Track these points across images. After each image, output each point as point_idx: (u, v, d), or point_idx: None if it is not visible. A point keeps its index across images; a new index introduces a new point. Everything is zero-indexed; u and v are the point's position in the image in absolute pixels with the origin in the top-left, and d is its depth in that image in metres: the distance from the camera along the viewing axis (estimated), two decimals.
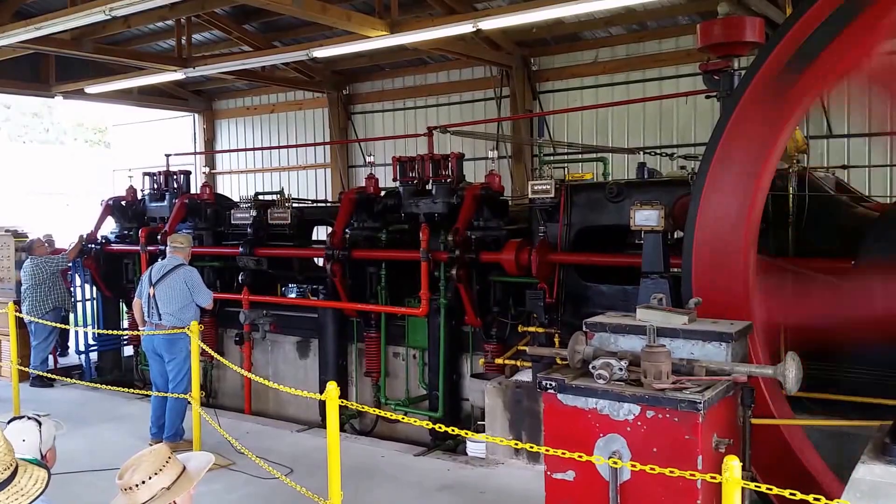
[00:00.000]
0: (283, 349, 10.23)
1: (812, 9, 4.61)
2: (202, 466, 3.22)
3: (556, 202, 7.44)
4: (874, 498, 3.21)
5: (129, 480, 2.98)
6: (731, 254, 4.83)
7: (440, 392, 8.39)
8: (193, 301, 7.72)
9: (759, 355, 4.65)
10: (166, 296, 7.63)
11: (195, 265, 8.20)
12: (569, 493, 3.83)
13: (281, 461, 6.95)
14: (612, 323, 4.19)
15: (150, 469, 3.00)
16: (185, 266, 7.80)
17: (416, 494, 6.50)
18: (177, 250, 7.90)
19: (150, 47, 15.50)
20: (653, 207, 6.05)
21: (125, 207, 11.58)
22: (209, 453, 3.44)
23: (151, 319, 7.71)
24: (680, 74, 12.50)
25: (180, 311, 7.62)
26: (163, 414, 7.76)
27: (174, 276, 7.68)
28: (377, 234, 9.02)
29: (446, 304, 8.21)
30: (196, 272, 7.89)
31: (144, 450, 3.14)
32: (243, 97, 18.94)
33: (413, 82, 16.14)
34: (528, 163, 13.87)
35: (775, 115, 4.72)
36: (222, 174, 19.53)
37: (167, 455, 3.10)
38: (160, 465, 3.03)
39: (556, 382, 3.84)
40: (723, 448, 3.60)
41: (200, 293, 7.76)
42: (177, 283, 7.66)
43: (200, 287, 7.79)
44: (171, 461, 3.09)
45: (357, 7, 12.10)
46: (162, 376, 7.80)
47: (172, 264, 7.77)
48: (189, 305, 7.69)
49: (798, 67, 4.64)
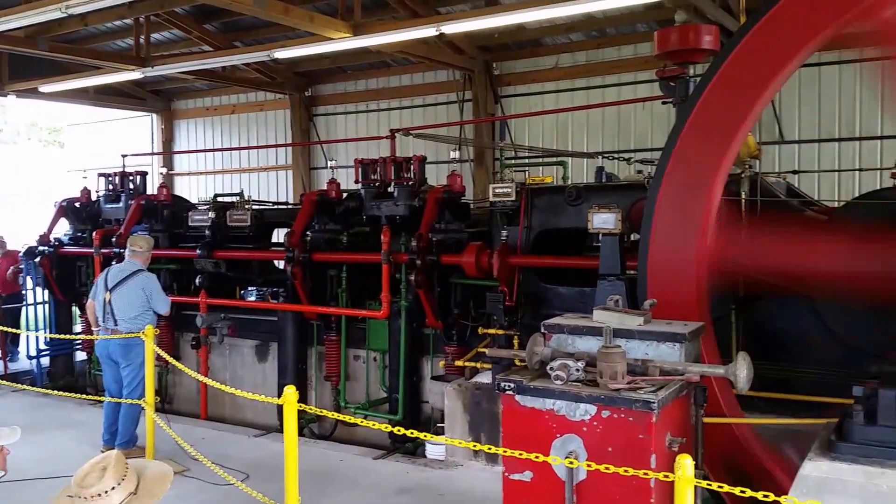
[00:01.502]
0: (241, 353, 10.11)
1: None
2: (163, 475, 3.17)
3: (517, 205, 7.50)
4: (820, 493, 3.27)
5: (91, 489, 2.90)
6: (685, 256, 4.92)
7: (400, 395, 8.37)
8: (151, 308, 7.57)
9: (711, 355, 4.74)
10: (123, 302, 7.43)
11: (151, 268, 8.04)
12: (526, 493, 3.83)
13: (238, 467, 6.85)
14: (569, 324, 4.21)
15: (114, 478, 2.94)
16: (143, 272, 7.61)
17: (374, 498, 6.48)
18: (136, 254, 7.69)
19: (108, 46, 15.24)
20: (610, 211, 6.14)
21: (79, 209, 11.36)
22: (163, 463, 3.38)
23: (107, 325, 7.50)
24: (638, 81, 12.70)
25: (137, 317, 7.43)
26: (115, 420, 7.56)
27: (132, 282, 7.48)
28: (338, 237, 8.98)
29: (407, 306, 8.21)
30: (154, 278, 7.70)
31: (98, 457, 3.06)
32: (203, 97, 18.72)
33: (376, 85, 16.14)
34: (490, 166, 13.95)
35: (729, 122, 4.82)
36: (181, 175, 19.27)
37: (125, 462, 3.05)
38: (123, 474, 2.98)
39: (515, 384, 3.85)
40: (676, 447, 3.64)
41: (159, 300, 7.58)
42: (134, 289, 7.46)
43: (159, 294, 7.61)
44: (129, 469, 3.04)
45: (320, 8, 12.06)
46: (115, 382, 7.61)
47: (130, 269, 7.57)
48: (146, 312, 7.51)
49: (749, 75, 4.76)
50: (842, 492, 3.27)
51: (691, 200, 4.90)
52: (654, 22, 12.14)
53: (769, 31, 4.72)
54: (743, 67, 4.79)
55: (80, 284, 11.31)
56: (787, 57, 4.70)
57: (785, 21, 4.67)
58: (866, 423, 3.44)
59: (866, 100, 11.30)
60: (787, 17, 4.67)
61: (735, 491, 3.28)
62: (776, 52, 4.71)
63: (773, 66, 4.73)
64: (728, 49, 4.90)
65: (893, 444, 3.36)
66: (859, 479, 3.29)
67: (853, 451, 3.40)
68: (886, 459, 3.33)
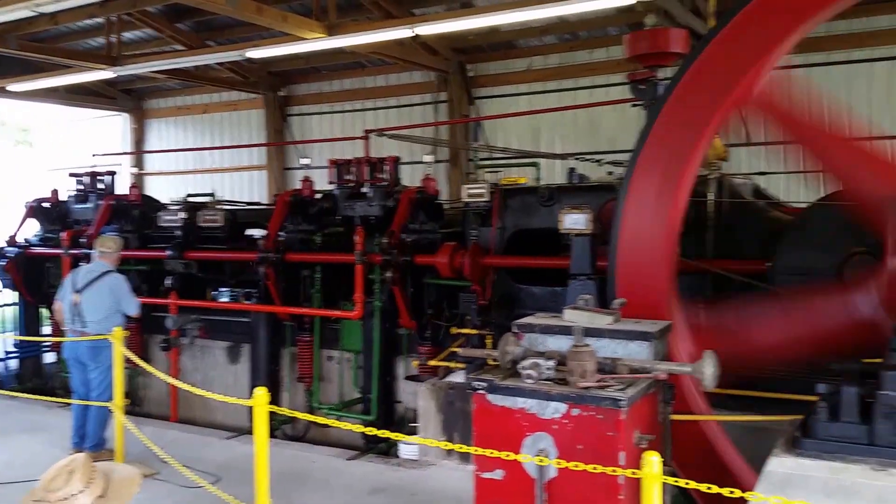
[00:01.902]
0: (212, 355, 10.03)
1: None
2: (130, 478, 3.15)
3: (490, 206, 7.54)
4: (785, 489, 3.29)
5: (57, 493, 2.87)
6: (653, 256, 4.97)
7: (374, 395, 8.37)
8: (120, 310, 7.47)
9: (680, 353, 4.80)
10: (92, 303, 7.31)
11: (121, 269, 7.94)
12: (498, 492, 3.84)
13: (209, 469, 6.81)
14: (541, 324, 4.24)
15: (81, 481, 2.91)
16: (112, 273, 7.50)
17: (347, 498, 6.47)
18: (104, 255, 7.58)
19: (79, 45, 15.08)
20: (581, 211, 6.19)
21: (48, 209, 11.21)
22: (131, 466, 3.35)
23: (74, 326, 7.38)
24: (610, 83, 12.81)
25: (106, 319, 7.31)
26: (85, 423, 7.46)
27: (101, 283, 7.37)
28: (312, 237, 8.96)
29: (381, 306, 8.22)
30: (124, 279, 7.58)
31: (65, 460, 3.02)
32: (175, 97, 18.57)
33: (351, 85, 16.13)
34: (464, 167, 14.00)
35: (696, 124, 4.88)
36: (152, 175, 19.09)
37: (93, 466, 3.02)
38: (90, 477, 2.95)
39: (486, 383, 3.86)
40: (644, 444, 3.66)
41: (128, 302, 7.47)
42: (103, 291, 7.35)
43: (128, 295, 7.50)
44: (96, 473, 3.01)
45: (294, 9, 12.03)
46: (84, 385, 7.49)
47: (99, 270, 7.46)
48: (115, 314, 7.40)
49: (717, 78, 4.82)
50: (806, 487, 3.30)
51: (659, 202, 4.95)
52: (626, 25, 12.28)
53: (737, 35, 4.77)
54: (711, 70, 4.83)
55: (48, 286, 11.12)
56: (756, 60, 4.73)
57: (754, 24, 4.72)
58: (830, 419, 3.48)
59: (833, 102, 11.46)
60: (755, 20, 4.72)
61: (702, 488, 3.31)
62: (745, 55, 4.75)
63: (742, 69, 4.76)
64: (696, 52, 4.94)
65: (856, 440, 3.40)
66: (823, 474, 3.33)
67: (817, 447, 3.44)
68: (849, 455, 3.38)
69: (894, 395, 3.38)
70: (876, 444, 3.37)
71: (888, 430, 3.37)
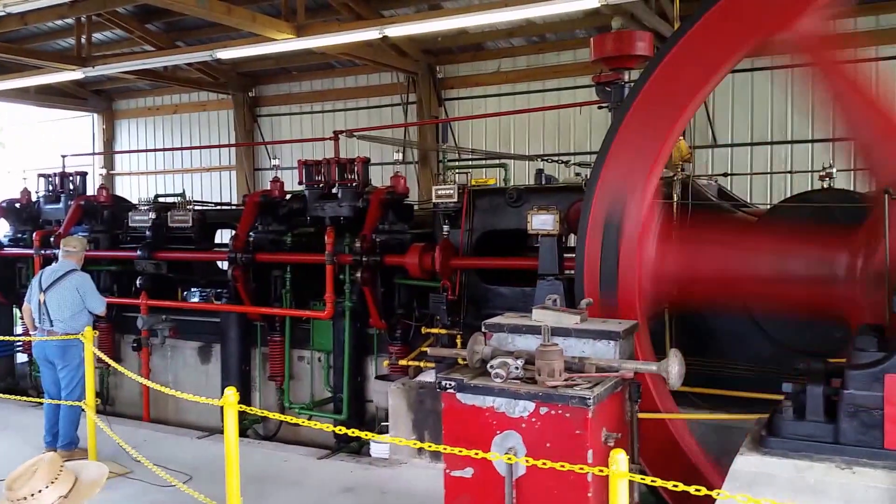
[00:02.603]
0: (183, 355, 10.00)
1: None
2: (98, 476, 3.12)
3: (459, 207, 7.61)
4: (751, 487, 3.35)
5: (20, 491, 2.84)
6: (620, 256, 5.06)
7: (345, 394, 8.40)
8: (86, 308, 7.50)
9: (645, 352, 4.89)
10: (57, 302, 7.37)
11: (91, 269, 7.93)
12: (467, 489, 3.89)
13: (181, 468, 6.80)
14: (509, 324, 4.29)
15: (44, 479, 2.88)
16: (76, 272, 7.56)
17: (318, 497, 6.51)
18: (69, 255, 7.63)
19: (49, 45, 14.93)
20: (549, 212, 6.28)
21: (19, 210, 11.11)
22: (102, 463, 3.33)
23: (43, 326, 7.43)
24: (577, 86, 12.96)
25: (72, 318, 7.38)
26: (57, 422, 7.50)
27: (65, 282, 7.42)
28: (282, 238, 8.96)
29: (351, 306, 8.25)
30: (88, 278, 7.63)
31: (33, 459, 3.00)
32: (145, 97, 18.41)
33: (320, 86, 16.11)
34: (434, 168, 14.06)
35: (661, 126, 4.97)
36: (122, 175, 18.92)
37: (60, 464, 2.99)
38: (54, 475, 2.92)
39: (455, 382, 3.90)
40: (612, 442, 3.71)
41: (93, 300, 7.52)
42: (68, 289, 7.40)
43: (93, 293, 7.55)
44: (63, 470, 2.98)
45: (263, 10, 12.00)
46: (55, 384, 7.53)
47: (64, 269, 7.52)
48: (81, 312, 7.46)
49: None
50: (772, 485, 3.35)
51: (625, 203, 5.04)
52: (593, 28, 12.41)
53: (701, 37, 4.83)
54: (675, 73, 4.90)
55: (20, 286, 10.99)
56: (719, 62, 4.83)
57: (717, 27, 4.78)
58: (795, 418, 3.55)
59: (797, 104, 11.72)
60: (718, 23, 4.78)
61: (668, 485, 3.35)
62: (708, 57, 4.83)
63: (705, 72, 4.85)
64: (661, 55, 5.02)
65: (821, 439, 3.48)
66: (789, 473, 3.40)
67: (783, 445, 3.52)
68: (814, 453, 3.45)
69: (859, 394, 3.44)
70: (841, 443, 3.44)
71: (853, 429, 3.43)
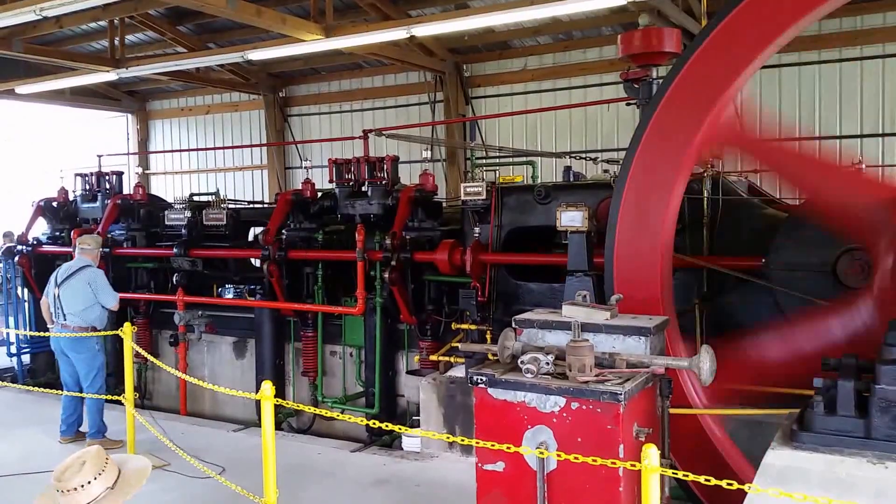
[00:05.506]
0: (219, 350, 10.20)
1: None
2: (143, 468, 3.21)
3: (488, 204, 7.67)
4: (782, 482, 3.35)
5: (70, 482, 2.93)
6: (650, 252, 5.09)
7: (376, 389, 8.52)
8: (98, 302, 7.75)
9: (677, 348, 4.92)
10: (70, 296, 7.69)
11: (129, 266, 8.14)
12: (499, 483, 3.93)
13: (217, 461, 6.96)
14: (539, 319, 4.30)
15: (92, 470, 2.98)
16: (90, 267, 7.85)
17: (351, 490, 6.61)
18: (85, 252, 7.96)
19: (83, 48, 15.21)
20: (577, 209, 6.30)
21: (56, 209, 11.36)
22: (143, 457, 3.42)
23: (58, 320, 7.76)
24: (604, 83, 12.96)
25: (84, 311, 7.69)
26: (73, 413, 7.88)
27: (79, 276, 7.73)
28: (314, 235, 9.09)
29: (382, 302, 8.35)
30: (101, 273, 7.93)
31: (78, 452, 3.10)
32: (178, 98, 18.69)
33: (349, 86, 16.24)
34: (462, 165, 14.12)
35: (691, 123, 4.98)
36: (157, 175, 19.23)
37: (105, 456, 3.08)
38: (101, 467, 3.01)
39: (487, 377, 3.94)
40: (643, 437, 3.74)
41: (105, 294, 7.79)
42: (81, 283, 7.71)
43: (105, 288, 7.82)
44: (109, 462, 3.08)
45: (292, 11, 12.14)
46: (71, 376, 7.87)
47: (78, 265, 7.84)
48: (93, 306, 7.74)
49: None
50: (803, 480, 3.35)
51: (655, 199, 5.06)
52: (619, 25, 12.39)
53: (730, 34, 4.82)
54: (704, 69, 4.89)
55: None
56: (748, 58, 4.81)
57: (745, 24, 4.77)
58: (826, 413, 3.54)
59: (825, 100, 11.64)
60: (747, 19, 4.77)
61: (700, 479, 3.37)
62: (737, 53, 4.82)
63: (734, 68, 4.84)
64: (690, 51, 4.99)
65: (851, 433, 3.47)
66: (820, 467, 3.39)
67: (814, 440, 3.51)
68: (845, 448, 3.45)
69: (890, 388, 3.43)
70: (872, 438, 3.44)
71: (884, 424, 3.42)
